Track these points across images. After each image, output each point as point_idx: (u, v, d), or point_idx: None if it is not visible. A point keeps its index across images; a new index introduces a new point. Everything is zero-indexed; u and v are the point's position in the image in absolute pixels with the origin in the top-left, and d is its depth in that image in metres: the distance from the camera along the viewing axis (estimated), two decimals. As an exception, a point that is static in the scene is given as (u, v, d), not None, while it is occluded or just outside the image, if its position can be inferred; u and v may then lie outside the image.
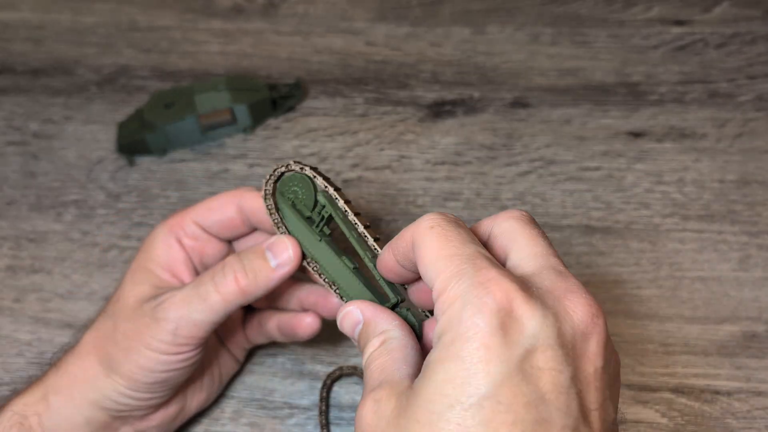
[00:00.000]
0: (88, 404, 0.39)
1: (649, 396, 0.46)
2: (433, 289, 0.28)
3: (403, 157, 0.58)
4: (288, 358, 0.48)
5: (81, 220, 0.56)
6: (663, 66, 0.63)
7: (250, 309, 0.45)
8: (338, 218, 0.37)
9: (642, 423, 0.45)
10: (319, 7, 0.70)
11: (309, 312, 0.42)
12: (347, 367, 0.47)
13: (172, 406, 0.42)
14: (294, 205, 0.38)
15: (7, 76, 0.66)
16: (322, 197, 0.38)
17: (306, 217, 0.38)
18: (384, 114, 0.61)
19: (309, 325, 0.42)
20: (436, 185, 0.56)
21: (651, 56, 0.64)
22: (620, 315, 0.49)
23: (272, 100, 0.61)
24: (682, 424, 0.45)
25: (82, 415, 0.39)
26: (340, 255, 0.38)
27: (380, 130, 0.60)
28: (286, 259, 0.38)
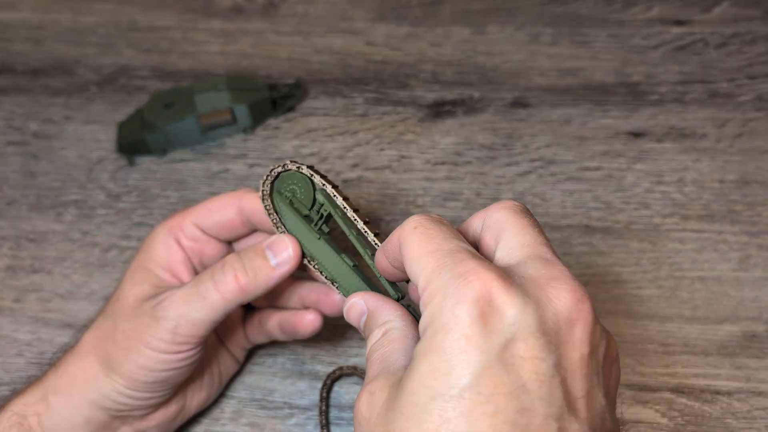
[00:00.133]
0: (88, 404, 0.39)
1: (649, 396, 0.46)
2: (418, 286, 0.28)
3: (403, 157, 0.58)
4: (288, 358, 0.48)
5: (81, 220, 0.56)
6: (663, 66, 0.63)
7: (250, 308, 0.45)
8: (337, 216, 0.37)
9: (642, 423, 0.45)
10: (319, 7, 0.70)
11: (310, 309, 0.42)
12: (347, 367, 0.47)
13: (172, 406, 0.42)
14: (292, 204, 0.38)
15: (7, 76, 0.66)
16: (320, 195, 0.38)
17: (304, 216, 0.38)
18: (384, 114, 0.61)
19: (310, 323, 0.42)
20: (436, 185, 0.56)
21: (651, 56, 0.64)
22: (620, 315, 0.49)
23: (272, 100, 0.61)
24: (682, 424, 0.45)
25: (82, 415, 0.39)
26: (340, 253, 0.38)
27: (380, 130, 0.60)
28: (286, 258, 0.38)
